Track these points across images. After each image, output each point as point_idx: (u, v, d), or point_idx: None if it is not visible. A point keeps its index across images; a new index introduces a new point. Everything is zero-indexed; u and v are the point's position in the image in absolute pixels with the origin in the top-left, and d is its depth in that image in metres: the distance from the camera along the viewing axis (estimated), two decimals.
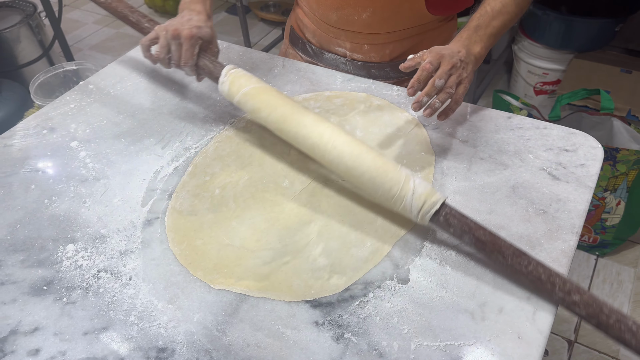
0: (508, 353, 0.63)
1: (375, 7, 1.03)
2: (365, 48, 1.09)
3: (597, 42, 2.04)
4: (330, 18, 1.08)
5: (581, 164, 0.86)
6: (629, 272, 1.70)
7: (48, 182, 0.90)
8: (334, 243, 0.76)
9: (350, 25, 1.07)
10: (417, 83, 0.82)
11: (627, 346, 0.62)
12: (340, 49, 1.13)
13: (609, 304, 0.64)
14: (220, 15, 3.24)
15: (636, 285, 1.67)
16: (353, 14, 1.05)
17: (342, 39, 1.10)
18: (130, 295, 0.72)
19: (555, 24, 2.01)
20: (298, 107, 0.85)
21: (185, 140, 0.96)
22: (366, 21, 1.05)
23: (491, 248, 0.69)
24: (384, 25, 1.06)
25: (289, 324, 0.67)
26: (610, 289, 1.66)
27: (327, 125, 0.81)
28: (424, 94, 0.82)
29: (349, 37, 1.09)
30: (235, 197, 0.84)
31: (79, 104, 1.07)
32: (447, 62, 0.83)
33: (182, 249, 0.77)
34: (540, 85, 2.21)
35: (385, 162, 0.76)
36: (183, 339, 0.67)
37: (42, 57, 2.34)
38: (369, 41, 1.08)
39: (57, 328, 0.69)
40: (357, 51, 1.11)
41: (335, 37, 1.10)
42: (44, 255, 0.78)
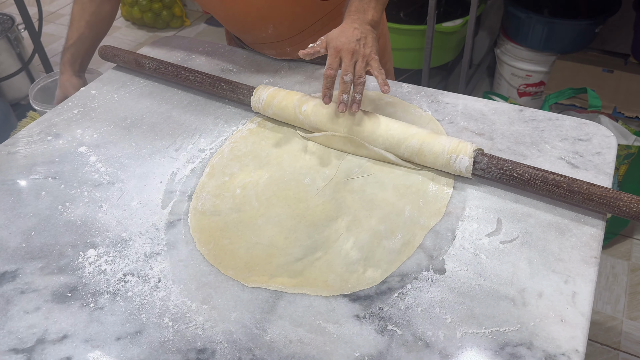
0: (554, 336, 0.63)
1: (274, 23, 1.05)
2: (288, 50, 1.12)
3: (578, 43, 2.10)
4: (246, 38, 1.14)
5: (597, 152, 0.87)
6: (623, 265, 1.74)
7: (59, 188, 0.87)
8: (364, 236, 0.75)
9: (264, 40, 1.10)
10: (327, 90, 0.86)
11: None
12: (269, 55, 1.16)
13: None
14: (200, 27, 3.22)
15: (630, 278, 1.70)
16: (260, 32, 1.08)
17: (265, 50, 1.13)
18: (162, 297, 0.70)
19: (538, 27, 2.05)
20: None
21: (199, 142, 0.94)
22: (274, 34, 1.07)
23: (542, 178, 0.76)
24: (291, 31, 1.08)
25: (329, 318, 0.66)
26: (605, 282, 1.69)
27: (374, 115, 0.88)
28: (340, 94, 0.85)
29: (270, 47, 1.12)
30: (258, 196, 0.83)
31: (82, 110, 1.04)
32: (347, 52, 0.84)
33: (209, 249, 0.75)
34: (524, 87, 2.25)
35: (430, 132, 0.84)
36: (222, 338, 0.65)
37: (22, 70, 2.28)
38: (288, 45, 1.10)
39: (87, 335, 0.66)
40: (284, 55, 1.13)
41: (259, 49, 1.14)
42: (64, 262, 0.75)
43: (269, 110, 0.95)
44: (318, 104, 0.91)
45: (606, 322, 1.58)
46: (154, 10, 3.11)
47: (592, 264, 0.70)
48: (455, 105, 0.99)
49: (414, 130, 0.85)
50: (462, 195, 0.81)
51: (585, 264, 0.70)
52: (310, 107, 0.91)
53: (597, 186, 0.75)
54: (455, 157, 0.80)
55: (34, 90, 1.17)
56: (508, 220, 0.77)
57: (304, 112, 0.91)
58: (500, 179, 0.80)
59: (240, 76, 1.10)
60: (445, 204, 0.80)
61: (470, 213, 0.79)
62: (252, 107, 0.97)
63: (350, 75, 0.85)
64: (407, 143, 0.84)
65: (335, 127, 0.89)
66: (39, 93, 1.15)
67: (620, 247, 1.79)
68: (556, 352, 0.61)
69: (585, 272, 0.69)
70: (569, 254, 0.72)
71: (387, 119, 0.88)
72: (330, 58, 0.85)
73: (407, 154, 0.85)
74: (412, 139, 0.84)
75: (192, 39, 1.25)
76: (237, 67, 1.13)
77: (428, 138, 0.83)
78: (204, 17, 3.31)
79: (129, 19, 3.25)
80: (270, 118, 0.98)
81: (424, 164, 0.84)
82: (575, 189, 0.75)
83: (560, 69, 2.05)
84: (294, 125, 0.95)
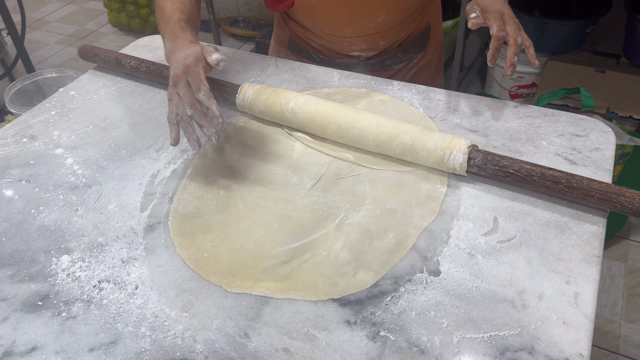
0: (556, 340, 0.59)
1: (389, 7, 1.01)
2: (381, 44, 1.08)
3: (570, 44, 2.08)
4: (345, 31, 1.05)
5: (595, 148, 0.84)
6: (620, 267, 1.71)
7: (33, 191, 0.82)
8: (355, 236, 0.71)
9: (366, 31, 1.04)
10: (497, 52, 0.86)
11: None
12: (356, 52, 1.10)
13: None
14: None
15: (628, 280, 1.67)
16: (368, 22, 1.02)
17: (357, 44, 1.07)
18: (139, 305, 0.65)
19: (530, 28, 2.03)
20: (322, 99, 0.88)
21: (181, 143, 0.90)
22: (382, 22, 1.03)
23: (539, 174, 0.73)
24: (399, 17, 1.04)
25: (318, 324, 0.62)
26: (603, 285, 1.66)
27: (364, 112, 0.85)
28: (513, 55, 0.84)
29: (364, 41, 1.06)
30: (243, 197, 0.79)
31: (60, 111, 1.00)
32: (509, 18, 0.86)
33: (191, 253, 0.71)
34: (516, 89, 2.23)
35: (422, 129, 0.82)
36: (203, 348, 0.60)
37: (5, 76, 2.23)
38: (384, 37, 1.06)
39: (58, 346, 0.62)
40: (373, 49, 1.08)
41: (349, 45, 1.07)
42: (36, 269, 0.71)
43: (255, 108, 0.91)
44: (306, 101, 0.87)
45: (604, 325, 1.55)
46: (142, 16, 3.08)
47: (594, 263, 0.67)
48: (448, 102, 0.95)
49: (405, 127, 0.81)
50: (457, 194, 0.78)
51: (587, 263, 0.67)
52: (298, 105, 0.87)
53: (597, 182, 0.72)
54: (449, 153, 0.77)
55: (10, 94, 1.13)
56: (505, 219, 0.73)
57: (291, 109, 0.87)
58: (496, 176, 0.76)
59: (226, 75, 1.06)
60: (439, 203, 0.76)
61: (465, 212, 0.75)
62: (237, 106, 0.93)
63: (520, 38, 0.85)
64: (399, 140, 0.80)
65: (324, 123, 0.85)
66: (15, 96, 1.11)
67: (617, 249, 1.76)
68: (559, 356, 0.58)
69: (587, 272, 0.66)
70: (569, 253, 0.68)
71: (377, 116, 0.84)
72: (498, 20, 0.85)
73: (398, 152, 0.81)
74: (403, 136, 0.80)
75: None
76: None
77: (420, 134, 0.80)
78: None
79: (116, 25, 3.21)
80: (256, 117, 0.94)
81: (417, 161, 0.80)
82: (575, 185, 0.71)
83: (552, 69, 2.03)
84: (280, 124, 0.91)
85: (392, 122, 0.82)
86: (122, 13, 3.08)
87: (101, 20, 3.33)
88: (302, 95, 0.89)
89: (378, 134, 0.81)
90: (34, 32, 3.21)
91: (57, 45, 3.11)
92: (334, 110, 0.85)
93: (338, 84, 1.02)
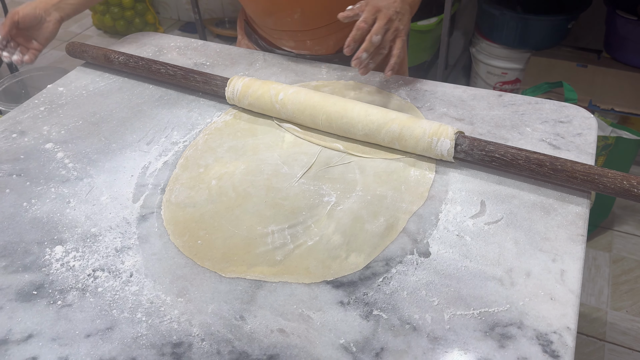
0: (544, 315, 0.61)
1: (304, 7, 1.02)
2: (308, 44, 1.09)
3: (552, 39, 2.12)
4: (267, 22, 1.08)
5: (578, 133, 0.86)
6: (604, 256, 1.74)
7: (24, 185, 0.82)
8: (346, 220, 0.73)
9: (287, 26, 1.06)
10: (352, 42, 0.84)
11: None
12: (286, 47, 1.12)
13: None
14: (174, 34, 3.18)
15: (613, 269, 1.71)
16: (285, 17, 1.04)
17: (285, 39, 1.10)
18: (134, 292, 0.66)
19: (512, 24, 2.07)
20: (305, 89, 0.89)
21: (172, 135, 0.91)
22: (299, 20, 1.04)
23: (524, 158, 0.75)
24: (318, 21, 1.05)
25: (312, 306, 0.63)
26: (589, 274, 1.69)
27: (353, 102, 0.87)
28: (362, 50, 0.84)
29: (290, 37, 1.08)
30: (234, 186, 0.80)
31: (49, 107, 1.00)
32: (383, 16, 0.84)
33: (184, 240, 0.72)
34: (500, 85, 2.26)
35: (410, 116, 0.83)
36: (199, 331, 0.61)
37: None
38: (310, 37, 1.07)
39: (54, 333, 0.62)
40: (302, 48, 1.10)
41: (278, 38, 1.10)
42: (30, 259, 0.71)
43: (244, 100, 0.92)
44: (295, 92, 0.88)
45: (591, 313, 1.58)
46: (126, 18, 3.07)
47: (579, 241, 0.69)
48: (434, 93, 0.97)
49: (393, 115, 0.83)
50: (445, 179, 0.79)
51: (572, 242, 0.69)
52: (287, 96, 0.88)
53: (580, 164, 0.74)
54: (437, 140, 0.79)
55: None
56: (492, 202, 0.75)
57: (281, 100, 0.88)
58: (482, 161, 0.78)
59: (215, 69, 1.07)
60: (427, 188, 0.78)
61: (453, 196, 0.77)
62: (226, 99, 0.94)
63: (380, 37, 0.84)
64: (387, 128, 0.82)
65: (314, 114, 0.86)
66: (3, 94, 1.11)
67: (601, 239, 1.79)
68: (547, 330, 0.59)
69: (572, 250, 0.68)
70: (555, 232, 0.70)
71: (366, 105, 0.86)
72: (367, 13, 0.85)
73: (387, 140, 0.83)
74: (392, 124, 0.81)
75: (163, 35, 1.22)
76: (210, 60, 1.10)
77: (408, 122, 0.81)
78: (177, 24, 3.27)
79: (100, 27, 3.20)
80: (246, 110, 0.95)
81: (405, 149, 0.82)
82: (559, 167, 0.73)
83: (535, 65, 2.06)
84: (270, 115, 0.92)
85: (381, 111, 0.84)
86: (106, 15, 3.07)
87: (85, 23, 3.31)
88: (291, 86, 0.90)
89: (367, 122, 0.83)
90: None
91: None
92: (323, 100, 0.87)
93: (326, 76, 1.03)
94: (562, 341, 0.58)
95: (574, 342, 0.59)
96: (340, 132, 0.86)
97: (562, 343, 0.58)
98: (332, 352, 0.59)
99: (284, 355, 0.59)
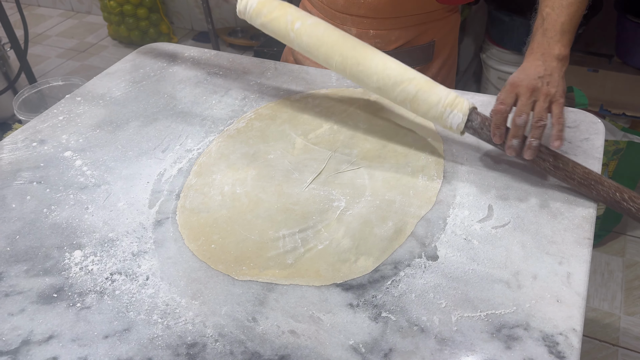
0: (550, 316, 0.62)
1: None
2: (371, 34, 1.07)
3: None
4: (337, 3, 1.05)
5: (585, 138, 0.87)
6: (618, 261, 1.73)
7: (44, 192, 0.85)
8: (356, 224, 0.74)
9: (357, 10, 1.03)
10: (496, 129, 0.76)
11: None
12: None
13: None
14: (188, 44, 3.23)
15: (626, 274, 1.70)
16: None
17: (348, 25, 1.07)
18: (150, 294, 0.68)
19: (522, 30, 2.07)
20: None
21: (186, 143, 0.94)
22: (373, 4, 1.02)
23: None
24: (391, 10, 1.03)
25: (322, 308, 0.65)
26: (602, 279, 1.68)
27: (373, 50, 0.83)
28: (511, 138, 0.76)
29: (355, 23, 1.06)
30: (247, 192, 0.82)
31: (67, 116, 1.03)
32: (525, 89, 0.75)
33: (199, 245, 0.74)
34: None
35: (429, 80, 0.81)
36: (213, 332, 0.63)
37: (8, 89, 2.27)
38: (375, 27, 1.06)
39: (73, 334, 0.64)
40: (362, 37, 1.08)
41: (341, 24, 1.07)
42: (50, 263, 0.73)
43: (257, 19, 0.88)
44: (313, 24, 0.84)
45: (604, 318, 1.57)
46: (141, 28, 3.13)
47: (585, 245, 0.70)
48: None
49: (412, 75, 0.80)
50: (453, 184, 0.81)
51: (579, 245, 0.70)
52: (305, 27, 0.84)
53: (581, 167, 0.75)
54: (450, 111, 0.78)
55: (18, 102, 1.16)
56: (499, 206, 0.76)
57: (297, 30, 0.85)
58: (489, 140, 0.79)
59: (227, 78, 1.10)
60: (435, 193, 0.79)
61: (461, 201, 0.78)
62: (237, 12, 0.90)
63: (525, 116, 0.74)
64: (403, 87, 0.80)
65: (329, 54, 0.84)
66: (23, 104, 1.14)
67: (614, 244, 1.79)
68: (553, 331, 0.60)
69: (579, 253, 0.69)
70: (562, 236, 0.71)
71: (386, 57, 0.83)
72: (504, 93, 0.76)
73: (400, 99, 0.82)
74: (409, 84, 0.80)
75: (176, 45, 1.24)
76: (223, 70, 1.12)
77: (426, 86, 0.80)
78: (191, 34, 3.32)
79: (116, 37, 3.26)
80: (258, 115, 0.97)
81: (416, 112, 0.82)
82: (560, 166, 0.75)
83: None
84: (282, 42, 0.89)
85: (400, 67, 0.81)
86: (121, 26, 3.13)
87: (101, 34, 3.38)
88: (310, 16, 0.86)
89: (383, 76, 0.81)
90: (35, 47, 3.26)
91: (58, 58, 3.15)
92: (341, 40, 0.83)
93: (336, 84, 1.06)
94: (568, 342, 0.59)
95: (579, 343, 0.59)
96: (354, 79, 0.84)
97: (568, 344, 0.59)
98: (342, 353, 0.60)
99: (294, 355, 0.60)
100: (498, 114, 0.76)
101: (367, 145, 0.88)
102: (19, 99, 1.17)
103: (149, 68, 1.15)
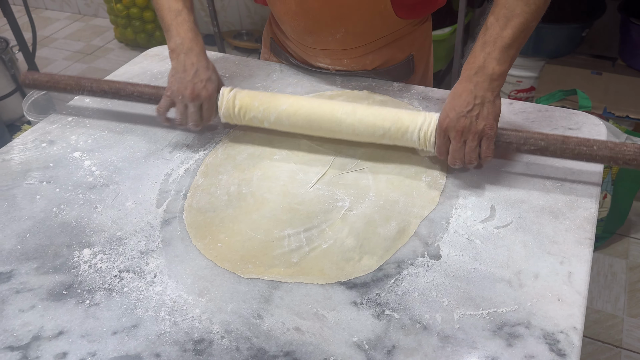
0: (551, 315, 0.63)
1: (347, 27, 1.00)
2: (345, 62, 1.08)
3: (566, 47, 2.13)
4: (307, 40, 1.06)
5: None
6: (621, 263, 1.74)
7: (54, 191, 0.87)
8: (359, 224, 0.76)
9: (326, 45, 1.05)
10: (450, 166, 0.82)
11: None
12: (322, 64, 1.11)
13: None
14: None
15: (629, 276, 1.70)
16: (327, 36, 1.02)
17: (321, 57, 1.08)
18: (158, 292, 0.69)
19: None
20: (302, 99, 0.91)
21: (193, 144, 0.95)
22: (340, 40, 1.03)
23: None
24: (359, 40, 1.04)
25: (327, 305, 0.66)
26: (605, 281, 1.69)
27: (343, 105, 0.88)
28: (451, 165, 0.82)
29: (327, 55, 1.07)
30: (252, 192, 0.83)
31: (76, 117, 1.04)
32: (455, 133, 0.78)
33: (205, 243, 0.75)
34: (515, 93, 2.28)
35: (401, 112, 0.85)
36: (219, 328, 0.64)
37: (16, 91, 2.29)
38: (347, 56, 1.06)
39: (83, 330, 0.66)
40: (337, 65, 1.09)
41: (314, 55, 1.09)
42: (60, 261, 0.75)
43: (242, 122, 0.94)
44: (276, 121, 0.90)
45: (607, 320, 1.58)
46: (147, 31, 3.15)
47: (586, 245, 0.71)
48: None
49: (380, 131, 0.85)
50: (456, 185, 0.82)
51: (580, 245, 0.71)
52: (271, 124, 0.91)
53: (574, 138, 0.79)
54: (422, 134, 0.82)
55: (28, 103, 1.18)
56: (501, 206, 0.77)
57: (271, 124, 0.91)
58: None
59: (233, 81, 1.11)
60: (438, 194, 0.80)
61: (463, 201, 0.79)
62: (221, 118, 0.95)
63: (459, 162, 0.79)
64: (380, 131, 0.85)
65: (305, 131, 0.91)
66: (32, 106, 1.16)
67: (617, 246, 1.79)
68: (554, 330, 0.61)
69: (580, 253, 0.70)
70: (563, 236, 0.72)
71: (361, 110, 0.87)
72: (438, 139, 0.80)
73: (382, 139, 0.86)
74: (382, 123, 0.84)
75: None
76: (229, 72, 1.14)
77: (397, 134, 0.84)
78: None
79: (122, 40, 3.28)
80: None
81: (395, 142, 0.86)
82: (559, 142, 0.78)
83: (550, 73, 2.07)
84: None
85: (372, 116, 0.86)
86: (128, 29, 3.15)
87: (107, 36, 3.41)
88: (271, 110, 0.90)
89: (356, 140, 0.87)
90: (42, 49, 3.29)
91: (65, 61, 3.18)
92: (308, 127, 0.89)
93: (341, 86, 1.07)
94: (568, 340, 0.60)
95: (580, 341, 0.60)
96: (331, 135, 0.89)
97: (568, 342, 0.60)
98: (346, 350, 0.61)
99: (299, 352, 0.61)
100: (444, 158, 0.82)
101: (371, 147, 0.89)
102: (29, 100, 1.19)
103: (156, 70, 1.17)
